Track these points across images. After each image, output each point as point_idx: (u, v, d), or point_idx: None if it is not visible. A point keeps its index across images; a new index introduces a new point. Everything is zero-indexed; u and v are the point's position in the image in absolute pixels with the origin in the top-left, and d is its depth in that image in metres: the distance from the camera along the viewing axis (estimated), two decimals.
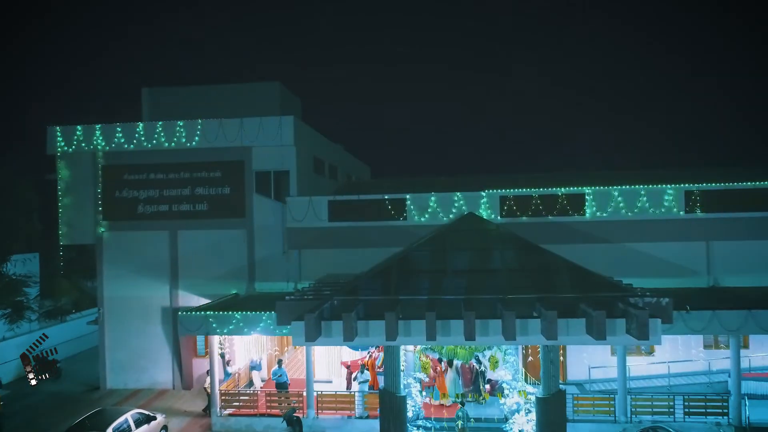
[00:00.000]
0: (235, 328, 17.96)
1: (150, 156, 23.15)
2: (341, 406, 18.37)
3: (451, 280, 12.36)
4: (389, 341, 11.68)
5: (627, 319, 11.24)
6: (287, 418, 17.00)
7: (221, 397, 18.85)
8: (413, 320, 11.84)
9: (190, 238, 23.05)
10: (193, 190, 23.11)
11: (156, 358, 23.37)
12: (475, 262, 12.84)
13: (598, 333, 10.74)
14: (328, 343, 12.09)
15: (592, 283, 12.21)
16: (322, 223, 21.92)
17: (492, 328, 11.62)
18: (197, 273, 22.86)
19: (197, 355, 23.31)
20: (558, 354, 11.51)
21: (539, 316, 11.53)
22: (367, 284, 12.65)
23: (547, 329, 10.91)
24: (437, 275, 12.47)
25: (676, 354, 20.45)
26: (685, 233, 20.48)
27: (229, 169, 22.91)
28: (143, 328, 23.27)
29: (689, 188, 20.43)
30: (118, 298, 23.33)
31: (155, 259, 23.16)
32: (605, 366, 20.33)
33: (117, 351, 23.44)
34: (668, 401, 17.20)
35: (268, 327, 17.81)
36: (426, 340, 11.47)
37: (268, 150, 22.63)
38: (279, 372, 19.47)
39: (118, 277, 23.32)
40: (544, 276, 12.06)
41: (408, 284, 12.36)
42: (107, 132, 23.26)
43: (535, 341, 11.55)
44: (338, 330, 11.66)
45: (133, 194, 23.40)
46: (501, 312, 11.51)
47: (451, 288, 12.17)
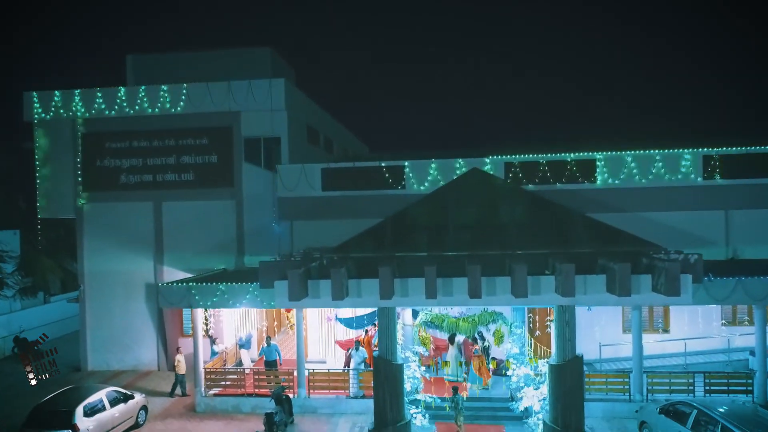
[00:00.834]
0: (220, 300, 16.64)
1: (133, 122, 21.78)
2: (335, 384, 17.07)
3: (453, 235, 11.02)
4: (384, 301, 10.37)
5: (653, 275, 9.92)
6: (275, 397, 15.71)
7: (206, 376, 17.54)
8: (411, 278, 10.54)
9: (175, 209, 21.71)
10: (178, 159, 21.75)
11: (140, 338, 22.09)
12: (480, 218, 11.51)
13: (621, 289, 9.41)
14: (316, 305, 10.78)
15: (611, 238, 10.88)
16: (316, 192, 20.56)
17: (500, 286, 10.31)
18: (183, 246, 21.54)
19: (183, 334, 22.02)
20: (574, 315, 10.21)
21: (553, 272, 10.20)
22: (359, 242, 11.34)
23: (562, 285, 9.59)
24: (438, 231, 11.14)
25: (693, 331, 19.15)
26: (702, 201, 19.12)
27: (216, 135, 21.53)
28: (126, 305, 21.97)
29: (708, 153, 19.06)
30: (100, 273, 22.02)
31: (138, 232, 21.84)
32: (616, 344, 19.03)
33: (99, 330, 22.16)
34: (687, 378, 15.89)
35: (255, 299, 16.48)
36: (425, 298, 10.15)
37: (258, 115, 21.26)
38: (268, 349, 18.16)
39: (99, 251, 22.00)
40: (558, 231, 10.74)
41: (405, 241, 11.04)
42: (87, 97, 21.88)
43: (549, 301, 10.23)
44: (327, 289, 10.35)
45: (115, 163, 22.05)
46: (510, 267, 10.19)
47: (454, 244, 10.84)
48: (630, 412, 15.61)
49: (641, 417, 14.14)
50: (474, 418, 15.95)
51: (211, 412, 17.24)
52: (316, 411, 16.91)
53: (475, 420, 15.85)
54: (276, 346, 18.30)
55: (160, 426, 16.36)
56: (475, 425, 15.57)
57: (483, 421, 15.75)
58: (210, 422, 16.45)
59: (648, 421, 13.68)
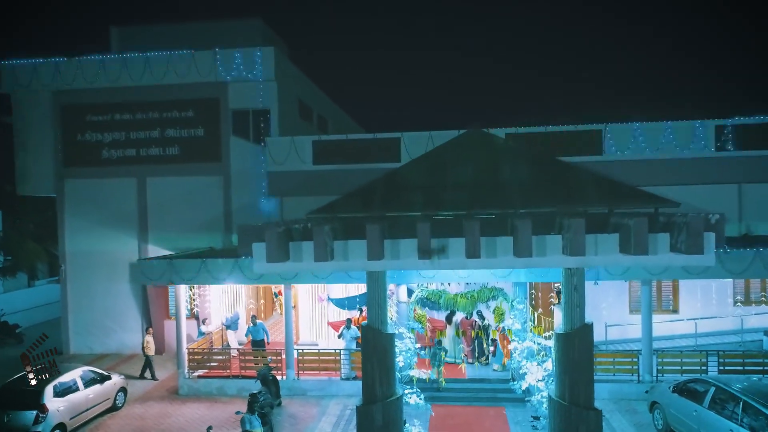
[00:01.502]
0: (202, 275, 15.62)
1: (115, 94, 20.75)
2: (325, 365, 16.11)
3: (450, 195, 10.01)
4: (372, 263, 9.36)
5: (672, 233, 8.91)
6: (261, 378, 14.74)
7: (190, 357, 16.57)
8: (402, 239, 9.52)
9: (160, 185, 20.72)
10: (163, 132, 20.73)
11: (124, 320, 21.13)
12: (480, 177, 10.49)
13: (637, 247, 8.40)
14: (297, 269, 9.78)
15: (625, 195, 9.88)
16: (306, 166, 19.55)
17: (501, 246, 9.29)
18: (168, 225, 20.55)
19: (169, 316, 21.03)
20: (583, 280, 9.23)
21: (560, 231, 9.19)
22: (347, 202, 10.35)
23: (571, 243, 8.58)
24: (433, 191, 10.12)
25: (703, 311, 18.16)
26: (714, 175, 18.12)
27: (202, 107, 20.50)
28: (109, 286, 20.99)
29: (720, 123, 18.03)
30: (82, 253, 21.03)
31: (122, 209, 20.85)
32: (622, 324, 18.07)
33: (81, 312, 21.19)
34: (700, 357, 14.93)
35: (239, 274, 15.47)
36: (419, 258, 9.14)
37: (247, 86, 20.22)
38: (254, 329, 17.15)
39: (81, 230, 21.01)
40: (567, 189, 9.72)
41: (397, 200, 10.02)
42: (67, 68, 20.83)
43: (556, 263, 9.22)
44: (310, 252, 9.33)
45: (97, 137, 21.02)
46: (512, 225, 9.19)
47: (451, 204, 9.83)
48: (639, 394, 14.67)
49: (652, 397, 13.17)
50: (473, 399, 15.03)
51: (194, 395, 16.29)
52: (305, 393, 15.97)
53: (474, 402, 14.92)
54: (262, 324, 17.30)
55: (140, 409, 15.41)
56: (474, 407, 14.64)
57: (482, 403, 14.82)
58: (192, 405, 15.51)
59: (660, 402, 12.72)
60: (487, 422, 13.67)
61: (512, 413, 14.10)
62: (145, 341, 17.70)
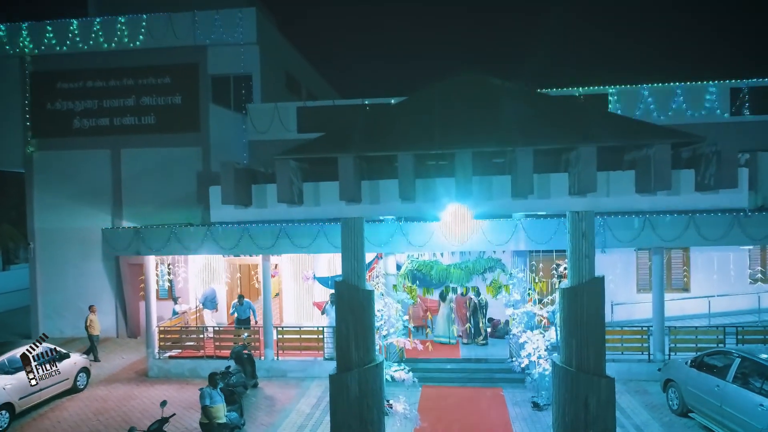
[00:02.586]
0: (172, 245, 14.31)
1: (87, 60, 19.41)
2: (307, 345, 14.78)
3: (439, 134, 8.66)
4: (348, 206, 8.05)
5: (698, 169, 7.60)
6: (235, 355, 13.45)
7: (160, 336, 15.24)
8: (382, 180, 8.21)
9: (135, 157, 19.37)
10: (138, 100, 19.38)
11: (96, 301, 19.60)
12: (474, 115, 9.14)
13: (659, 181, 7.07)
14: (260, 216, 8.44)
15: (639, 130, 8.54)
16: (291, 134, 18.23)
17: (497, 186, 7.99)
18: (143, 199, 19.19)
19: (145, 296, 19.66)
20: (593, 225, 7.90)
21: (566, 168, 7.87)
22: (320, 143, 9.02)
23: (579, 179, 7.26)
24: (420, 130, 8.76)
25: (717, 288, 16.84)
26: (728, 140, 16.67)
27: (180, 73, 19.15)
28: (82, 265, 19.64)
29: (736, 85, 16.71)
30: (52, 230, 19.69)
31: (94, 182, 19.50)
32: (628, 302, 16.78)
33: (51, 293, 19.84)
34: (716, 334, 13.61)
35: (212, 244, 14.17)
36: (401, 201, 7.81)
37: (227, 50, 18.89)
38: (241, 308, 15.77)
39: (51, 205, 19.66)
40: (574, 126, 8.36)
41: (377, 140, 8.68)
42: (36, 31, 19.50)
43: (560, 206, 7.90)
44: (273, 192, 8.02)
45: (68, 106, 19.68)
46: (510, 162, 7.87)
47: (440, 142, 8.47)
48: (649, 374, 13.36)
49: (666, 375, 11.84)
50: (467, 380, 13.71)
51: (164, 376, 14.96)
52: (285, 375, 14.64)
53: (469, 383, 13.60)
54: (250, 303, 15.94)
55: (103, 391, 14.07)
56: (469, 388, 13.32)
57: (478, 383, 13.50)
58: (161, 387, 14.17)
59: (675, 379, 11.39)
60: (483, 403, 12.34)
61: (510, 394, 12.79)
62: (89, 320, 16.40)
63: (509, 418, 11.49)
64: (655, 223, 12.95)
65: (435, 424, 11.22)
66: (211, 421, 9.48)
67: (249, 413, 12.16)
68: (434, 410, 11.98)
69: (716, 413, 10.01)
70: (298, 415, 12.02)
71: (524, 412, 11.77)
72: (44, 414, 12.70)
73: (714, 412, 10.08)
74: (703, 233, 12.82)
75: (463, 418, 11.48)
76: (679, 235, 12.87)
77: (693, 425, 10.87)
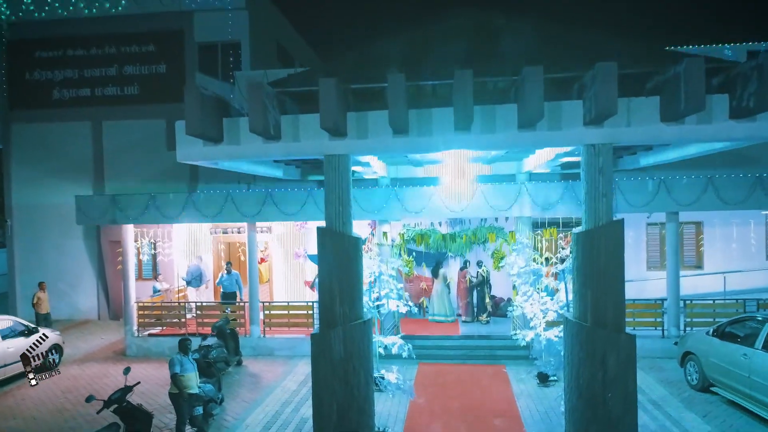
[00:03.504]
0: (150, 213, 13.34)
1: (67, 27, 18.40)
2: (295, 321, 13.80)
3: (435, 67, 7.69)
4: (332, 141, 7.08)
5: (734, 92, 6.62)
6: (217, 330, 12.46)
7: (138, 312, 14.27)
8: (371, 111, 7.23)
9: (117, 129, 18.37)
10: (120, 70, 18.40)
11: (77, 282, 18.80)
12: (476, 47, 8.18)
13: (690, 102, 6.10)
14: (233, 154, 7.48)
15: (663, 55, 7.58)
16: None
17: (501, 117, 7.01)
18: (127, 173, 18.19)
19: None
20: (611, 160, 6.91)
21: (581, 93, 6.90)
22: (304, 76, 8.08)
23: (597, 103, 6.29)
24: (413, 64, 7.79)
25: (732, 265, 15.87)
26: None
27: (164, 41, 18.16)
28: (61, 243, 18.66)
29: (754, 48, 15.71)
30: (30, 207, 18.71)
31: (75, 156, 18.50)
32: (638, 280, 15.78)
33: (29, 273, 18.81)
34: (736, 307, 12.63)
35: (193, 211, 13.20)
36: (392, 128, 6.85)
37: (214, 16, 17.89)
38: (228, 278, 14.77)
39: (29, 180, 18.68)
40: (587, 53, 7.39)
41: (367, 73, 7.71)
42: None
43: (574, 138, 6.92)
44: (248, 127, 7.04)
45: (47, 76, 18.69)
46: (517, 87, 6.91)
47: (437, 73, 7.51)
48: (664, 350, 12.40)
49: (684, 347, 10.85)
50: (467, 357, 12.74)
51: (144, 355, 13.98)
52: (272, 353, 13.66)
53: (469, 360, 12.63)
54: (238, 275, 14.95)
55: (76, 370, 13.09)
56: (469, 365, 12.35)
57: (479, 361, 12.53)
58: (139, 366, 13.13)
59: (695, 351, 10.40)
60: (484, 380, 11.35)
61: (514, 371, 11.81)
62: (36, 297, 15.27)
63: (513, 394, 10.51)
64: (670, 186, 11.98)
65: (432, 401, 10.24)
66: (181, 391, 8.49)
67: (231, 390, 11.19)
68: (432, 386, 11.00)
69: (743, 385, 9.02)
70: (283, 392, 11.03)
71: (529, 389, 10.79)
72: (9, 392, 11.73)
73: (741, 383, 9.09)
74: (723, 196, 11.84)
75: (463, 395, 10.50)
76: (696, 199, 11.89)
77: (715, 400, 9.89)
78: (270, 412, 9.96)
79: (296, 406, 10.21)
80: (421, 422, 9.29)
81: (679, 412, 9.43)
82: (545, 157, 10.17)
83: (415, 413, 9.69)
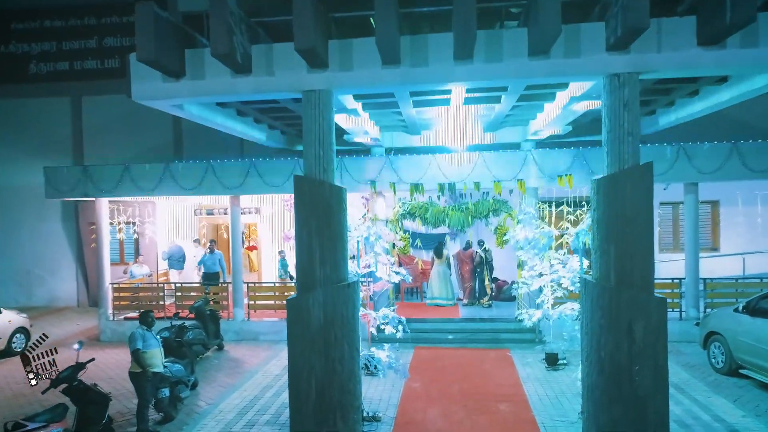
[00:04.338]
0: (125, 185, 12.32)
1: None
2: (282, 304, 12.78)
3: None
4: (311, 73, 6.07)
5: None
6: (196, 311, 11.42)
7: (114, 294, 13.26)
8: (356, 39, 6.19)
9: (98, 105, 17.38)
10: (101, 42, 17.39)
11: (55, 267, 17.77)
12: None
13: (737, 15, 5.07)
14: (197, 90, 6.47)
15: None
16: None
17: (509, 43, 5.96)
18: (108, 152, 17.10)
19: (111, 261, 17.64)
20: (637, 92, 5.88)
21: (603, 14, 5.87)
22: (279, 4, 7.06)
23: (625, 17, 5.25)
24: None
25: (751, 246, 14.88)
26: None
27: None
28: (39, 227, 17.64)
29: None
30: (6, 188, 17.69)
31: (53, 134, 17.50)
32: None
33: (5, 259, 17.81)
34: (761, 287, 11.59)
35: (171, 183, 12.19)
36: (381, 56, 5.82)
37: None
38: (211, 257, 13.75)
39: (4, 160, 17.67)
40: None
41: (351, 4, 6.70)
42: None
43: (594, 66, 5.90)
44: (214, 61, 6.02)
45: (23, 49, 17.67)
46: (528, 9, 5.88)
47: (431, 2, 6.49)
48: (682, 333, 11.40)
49: (707, 328, 9.82)
50: (468, 341, 11.71)
51: (119, 340, 12.91)
52: (257, 337, 12.64)
53: (470, 344, 11.60)
54: (221, 254, 13.91)
55: None
56: (470, 349, 11.32)
57: (481, 344, 11.50)
58: (112, 351, 12.14)
59: (721, 331, 9.38)
60: (487, 364, 10.33)
61: (520, 355, 10.78)
62: None
63: (519, 378, 9.47)
64: (691, 153, 10.95)
65: (428, 385, 9.21)
66: (144, 370, 7.47)
67: (207, 375, 10.16)
68: (429, 370, 9.97)
69: None
70: (265, 376, 10.01)
71: (536, 372, 9.76)
72: None
73: None
74: (748, 163, 10.82)
75: (464, 379, 9.47)
76: (719, 166, 10.86)
77: (745, 384, 8.86)
78: (248, 397, 8.94)
79: (278, 391, 9.19)
80: (417, 407, 8.26)
81: (706, 397, 8.40)
82: (557, 107, 9.12)
83: (410, 397, 8.66)
